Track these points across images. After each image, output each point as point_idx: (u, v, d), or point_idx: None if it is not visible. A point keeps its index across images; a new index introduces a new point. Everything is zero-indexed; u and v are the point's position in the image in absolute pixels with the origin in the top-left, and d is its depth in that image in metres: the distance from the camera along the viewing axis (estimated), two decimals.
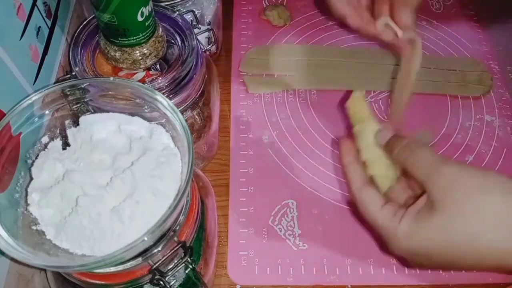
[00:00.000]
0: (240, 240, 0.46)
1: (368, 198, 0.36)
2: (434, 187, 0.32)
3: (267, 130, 0.54)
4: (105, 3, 0.33)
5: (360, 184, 0.37)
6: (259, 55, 0.59)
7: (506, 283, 0.44)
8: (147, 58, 0.38)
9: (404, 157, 0.35)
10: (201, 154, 0.49)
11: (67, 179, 0.30)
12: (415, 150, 0.34)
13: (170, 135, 0.32)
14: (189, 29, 0.41)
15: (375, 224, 0.35)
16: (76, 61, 0.38)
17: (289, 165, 0.51)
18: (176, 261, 0.31)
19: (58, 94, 0.32)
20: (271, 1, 0.66)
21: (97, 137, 0.32)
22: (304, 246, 0.46)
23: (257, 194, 0.49)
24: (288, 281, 0.44)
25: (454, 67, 0.59)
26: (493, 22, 0.65)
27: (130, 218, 0.28)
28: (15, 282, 0.34)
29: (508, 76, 0.60)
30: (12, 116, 0.30)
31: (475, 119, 0.56)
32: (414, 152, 0.34)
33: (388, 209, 0.34)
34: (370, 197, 0.36)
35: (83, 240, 0.28)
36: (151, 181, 0.29)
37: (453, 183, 0.31)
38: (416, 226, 0.32)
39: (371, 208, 0.35)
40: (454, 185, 0.31)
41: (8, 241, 0.26)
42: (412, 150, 0.34)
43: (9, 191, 0.30)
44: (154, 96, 0.31)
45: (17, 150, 0.31)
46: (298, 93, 0.57)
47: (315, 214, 0.48)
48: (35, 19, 0.39)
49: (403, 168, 0.35)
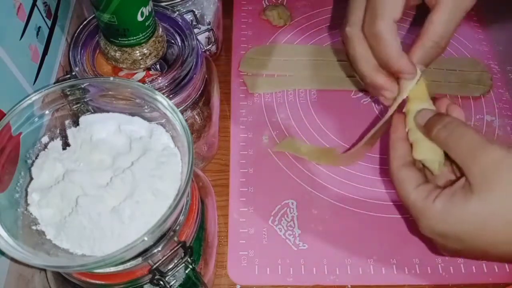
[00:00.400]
0: (240, 240, 0.46)
1: (405, 176, 0.34)
2: (474, 168, 0.30)
3: (267, 130, 0.54)
4: (105, 3, 0.33)
5: (401, 163, 0.35)
6: (259, 55, 0.59)
7: (506, 283, 0.44)
8: (147, 58, 0.38)
9: (444, 137, 0.33)
10: (201, 154, 0.49)
11: (67, 179, 0.30)
12: (455, 130, 0.32)
13: (170, 135, 0.32)
14: (189, 29, 0.41)
15: (407, 202, 0.34)
16: (76, 61, 0.38)
17: (289, 165, 0.51)
18: (176, 261, 0.31)
19: (58, 94, 0.32)
20: (271, 1, 0.65)
21: (97, 137, 0.32)
22: (304, 246, 0.46)
23: (257, 194, 0.49)
24: (288, 281, 0.44)
25: (454, 67, 0.59)
26: (493, 22, 0.65)
27: (130, 218, 0.28)
28: (15, 282, 0.34)
29: (508, 76, 0.60)
30: (12, 116, 0.30)
31: (475, 119, 0.56)
32: (454, 132, 0.32)
33: (423, 188, 0.33)
34: (407, 176, 0.34)
35: (83, 240, 0.28)
36: (151, 181, 0.29)
37: (496, 166, 0.29)
38: (450, 207, 0.31)
39: (406, 186, 0.34)
40: (497, 168, 0.29)
41: (8, 241, 0.26)
42: (452, 130, 0.32)
43: (9, 191, 0.30)
44: (154, 96, 0.31)
45: (17, 150, 0.31)
46: (298, 93, 0.57)
47: (315, 214, 0.48)
48: (35, 19, 0.39)
49: (443, 149, 0.34)
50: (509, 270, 0.45)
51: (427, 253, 0.45)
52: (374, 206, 0.48)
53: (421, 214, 0.33)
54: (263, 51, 0.60)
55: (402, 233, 0.47)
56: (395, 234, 0.46)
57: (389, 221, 0.47)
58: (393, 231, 0.47)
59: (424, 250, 0.45)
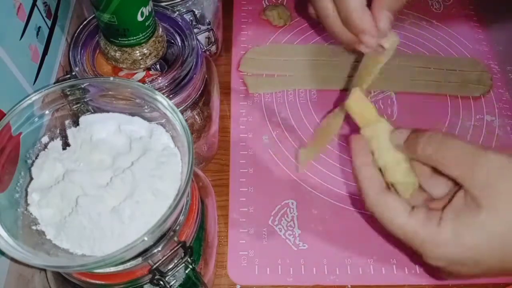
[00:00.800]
0: (240, 240, 0.46)
1: (391, 204, 0.31)
2: (474, 181, 0.28)
3: (267, 130, 0.54)
4: (105, 3, 0.33)
5: (378, 190, 0.31)
6: (259, 55, 0.59)
7: (506, 283, 0.44)
8: (147, 58, 0.38)
9: (431, 152, 0.30)
10: (201, 154, 0.49)
11: (67, 179, 0.30)
12: (443, 142, 0.29)
13: (170, 135, 0.32)
14: (189, 29, 0.41)
15: (403, 231, 0.30)
16: (76, 61, 0.38)
17: (289, 165, 0.51)
18: (176, 261, 0.31)
19: (58, 94, 0.32)
20: (271, 1, 0.66)
21: (97, 137, 0.32)
22: (304, 246, 0.46)
23: (257, 194, 0.49)
24: (288, 281, 0.44)
25: (454, 67, 0.59)
26: (493, 22, 0.65)
27: (130, 218, 0.28)
28: (15, 282, 0.34)
29: (508, 76, 0.60)
30: (12, 116, 0.30)
31: (475, 119, 0.56)
32: (442, 144, 0.29)
33: (418, 214, 0.30)
34: (394, 205, 0.31)
35: (83, 240, 0.28)
36: (151, 181, 0.29)
37: (498, 173, 0.27)
38: (461, 228, 0.28)
39: (397, 217, 0.30)
40: (502, 176, 0.27)
41: (8, 241, 0.26)
42: (440, 142, 0.30)
43: (9, 191, 0.30)
44: (154, 96, 0.31)
45: (17, 150, 0.31)
46: (298, 93, 0.57)
47: (315, 214, 0.48)
48: (35, 19, 0.39)
49: (432, 165, 0.31)
50: None
51: None
52: None
53: (427, 242, 0.29)
54: (263, 51, 0.60)
55: None
56: None
57: None
58: None
59: None
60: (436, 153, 0.30)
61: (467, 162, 0.28)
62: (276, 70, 0.58)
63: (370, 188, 0.32)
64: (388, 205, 0.31)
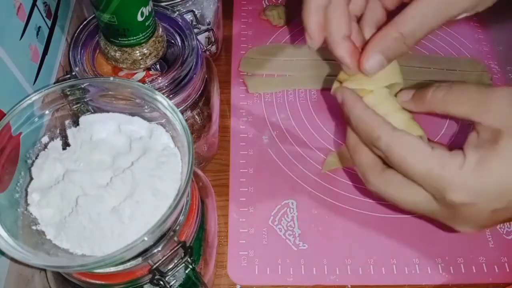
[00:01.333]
0: (240, 240, 0.46)
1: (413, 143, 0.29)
2: (492, 113, 0.28)
3: (267, 130, 0.54)
4: (105, 3, 0.33)
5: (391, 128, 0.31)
6: (259, 55, 0.59)
7: (506, 283, 0.44)
8: (147, 58, 0.38)
9: (441, 96, 0.30)
10: (201, 154, 0.49)
11: (67, 179, 0.30)
12: (453, 86, 0.30)
13: (170, 135, 0.32)
14: (189, 29, 0.41)
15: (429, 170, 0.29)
16: (76, 61, 0.38)
17: (289, 165, 0.51)
18: (176, 261, 0.31)
19: (58, 94, 0.32)
20: (271, 1, 0.66)
21: (97, 137, 0.32)
22: (304, 246, 0.46)
23: (257, 194, 0.49)
24: (288, 281, 0.44)
25: (454, 67, 0.59)
26: (493, 22, 0.65)
27: (130, 218, 0.28)
28: (15, 282, 0.34)
29: (508, 76, 0.60)
30: (12, 116, 0.30)
31: None
32: (453, 88, 0.30)
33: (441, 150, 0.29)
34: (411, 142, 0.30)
35: (83, 240, 0.28)
36: (151, 181, 0.29)
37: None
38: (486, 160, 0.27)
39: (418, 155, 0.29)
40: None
41: (8, 241, 0.26)
42: (449, 86, 0.30)
43: (9, 191, 0.30)
44: (154, 96, 0.31)
45: (17, 150, 0.31)
46: (298, 93, 0.57)
47: (315, 214, 0.48)
48: (35, 19, 0.39)
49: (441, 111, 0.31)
50: (509, 270, 0.45)
51: (427, 253, 0.45)
52: (374, 206, 0.48)
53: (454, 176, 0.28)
54: (263, 51, 0.60)
55: (402, 233, 0.47)
56: (395, 234, 0.46)
57: (389, 221, 0.47)
58: (393, 231, 0.47)
59: (424, 250, 0.45)
60: (447, 95, 0.30)
61: (481, 97, 0.28)
62: (276, 70, 0.58)
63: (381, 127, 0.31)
64: (410, 142, 0.30)
